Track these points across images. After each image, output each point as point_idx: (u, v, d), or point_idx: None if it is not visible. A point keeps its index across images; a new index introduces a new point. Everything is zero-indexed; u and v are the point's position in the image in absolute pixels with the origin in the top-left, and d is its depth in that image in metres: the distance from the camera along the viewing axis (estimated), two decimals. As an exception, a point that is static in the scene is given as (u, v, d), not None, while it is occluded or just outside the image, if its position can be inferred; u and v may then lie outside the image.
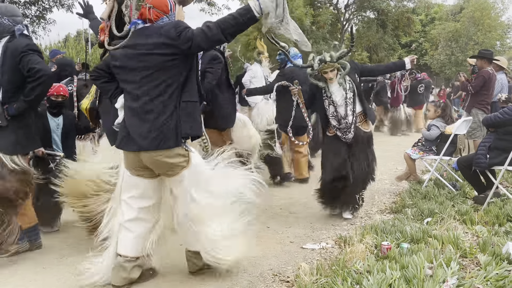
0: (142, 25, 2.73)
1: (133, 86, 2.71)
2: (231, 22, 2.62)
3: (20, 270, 3.17)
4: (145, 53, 2.65)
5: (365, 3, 25.90)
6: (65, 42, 28.55)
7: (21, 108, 3.26)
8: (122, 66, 2.75)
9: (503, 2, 33.34)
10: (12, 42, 3.24)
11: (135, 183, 2.82)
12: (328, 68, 4.22)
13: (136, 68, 2.68)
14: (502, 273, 2.81)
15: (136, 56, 2.67)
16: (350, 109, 4.29)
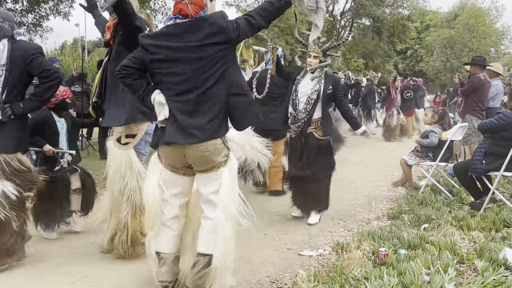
0: (181, 20, 2.66)
1: (181, 78, 2.63)
2: (269, 9, 2.77)
3: (16, 279, 3.15)
4: (196, 45, 2.60)
5: (360, 11, 26.08)
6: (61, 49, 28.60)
7: (33, 107, 3.40)
8: (167, 59, 2.64)
9: (497, 9, 33.68)
10: (18, 43, 3.31)
11: (176, 180, 2.79)
12: (313, 52, 4.34)
13: (187, 60, 2.61)
14: (499, 279, 2.81)
15: (187, 48, 2.61)
16: (303, 108, 4.37)
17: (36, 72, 3.30)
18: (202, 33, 2.61)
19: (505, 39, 36.30)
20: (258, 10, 2.78)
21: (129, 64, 2.71)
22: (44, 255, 3.57)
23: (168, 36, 2.65)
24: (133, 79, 2.72)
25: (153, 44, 2.65)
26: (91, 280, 3.12)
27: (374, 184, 6.60)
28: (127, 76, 2.72)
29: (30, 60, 3.25)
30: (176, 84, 2.65)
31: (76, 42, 39.77)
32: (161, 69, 2.67)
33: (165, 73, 2.67)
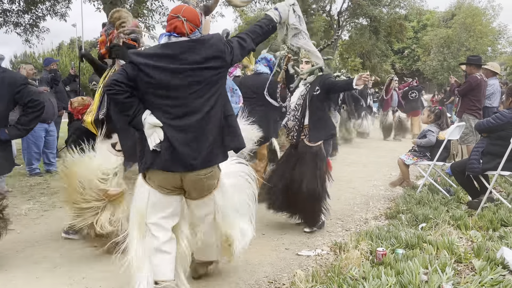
0: (177, 38, 2.56)
1: (176, 102, 2.51)
2: (259, 32, 2.80)
3: (13, 281, 3.14)
4: (194, 67, 2.51)
5: (357, 10, 26.11)
6: (58, 50, 28.56)
7: (18, 135, 3.64)
8: (164, 81, 2.49)
9: (494, 8, 33.79)
10: (6, 73, 3.52)
11: (168, 202, 2.64)
12: (304, 58, 4.30)
13: (183, 83, 2.50)
14: (497, 278, 2.82)
15: (183, 71, 2.49)
16: (293, 115, 4.28)
17: (23, 101, 3.52)
18: (200, 55, 2.53)
19: (501, 38, 36.44)
20: (248, 32, 2.77)
21: (122, 80, 2.48)
22: (41, 257, 3.56)
23: (163, 57, 2.51)
24: (125, 97, 2.49)
25: (148, 65, 2.48)
26: (88, 281, 3.11)
27: (372, 184, 6.61)
28: (119, 93, 2.48)
29: (19, 90, 3.49)
30: (172, 108, 2.52)
31: (73, 43, 39.69)
32: (156, 91, 2.52)
33: (161, 95, 2.52)
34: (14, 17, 12.60)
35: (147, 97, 2.54)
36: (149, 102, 2.54)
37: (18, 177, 6.74)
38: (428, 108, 6.34)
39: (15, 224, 4.40)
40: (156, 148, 2.50)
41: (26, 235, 4.10)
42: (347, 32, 29.47)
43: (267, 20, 2.87)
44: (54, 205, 5.18)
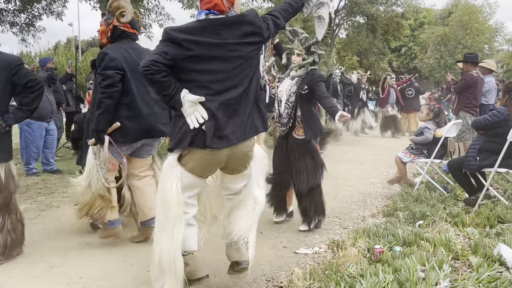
0: (215, 16, 2.55)
1: (218, 77, 2.52)
2: (289, 10, 2.89)
3: (11, 281, 3.13)
4: (236, 42, 2.53)
5: (354, 8, 26.11)
6: (55, 49, 28.48)
7: (23, 117, 3.59)
8: (205, 56, 2.49)
9: (491, 6, 33.88)
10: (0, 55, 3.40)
11: (198, 183, 2.65)
12: (296, 50, 4.24)
13: (226, 57, 2.52)
14: (494, 275, 2.83)
15: (225, 46, 2.51)
16: (286, 113, 4.21)
17: (21, 82, 3.40)
18: (240, 31, 2.55)
19: (498, 36, 36.53)
20: (280, 10, 2.84)
21: (159, 59, 2.43)
22: (38, 256, 3.55)
23: (204, 32, 2.50)
24: (163, 76, 2.45)
25: (189, 40, 2.46)
26: (86, 280, 3.11)
27: (369, 182, 6.62)
28: (157, 72, 2.43)
29: (15, 71, 3.37)
30: (213, 83, 2.52)
31: (69, 42, 39.61)
32: (196, 66, 2.50)
33: (201, 70, 2.51)
34: (10, 17, 12.54)
35: (186, 74, 2.52)
36: (188, 79, 2.52)
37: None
38: (427, 106, 6.35)
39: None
40: (199, 126, 2.48)
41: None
42: (344, 30, 29.47)
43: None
44: (51, 205, 5.17)
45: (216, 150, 2.52)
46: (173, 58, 2.46)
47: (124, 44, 3.68)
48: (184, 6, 12.22)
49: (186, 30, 2.50)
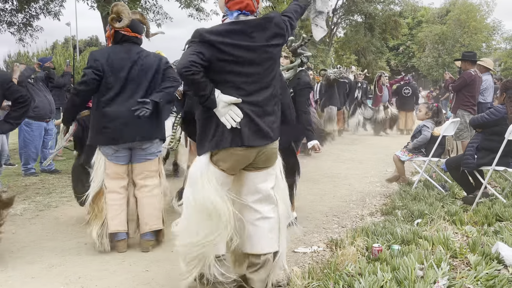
0: (246, 17, 2.58)
1: (251, 79, 2.56)
2: (299, 12, 2.98)
3: (9, 281, 3.12)
4: (265, 44, 2.57)
5: (352, 7, 26.13)
6: (53, 49, 28.43)
7: (10, 129, 3.90)
8: (240, 59, 2.52)
9: (488, 4, 33.94)
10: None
11: (227, 181, 2.65)
12: (283, 52, 4.19)
13: (259, 60, 2.56)
14: (492, 273, 2.83)
15: (258, 48, 2.55)
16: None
17: (13, 97, 3.70)
18: (268, 33, 2.59)
19: (496, 34, 36.60)
20: (292, 12, 2.90)
21: (197, 60, 2.43)
22: (36, 257, 3.55)
23: (237, 34, 2.52)
24: (201, 77, 2.44)
25: (224, 42, 2.48)
26: (84, 281, 3.10)
27: (367, 180, 6.62)
28: (196, 73, 2.42)
29: (8, 87, 3.67)
30: (247, 84, 2.55)
31: (67, 42, 39.54)
32: (232, 68, 2.53)
33: (235, 72, 2.53)
34: (8, 16, 12.51)
35: (219, 75, 2.53)
36: (222, 80, 2.53)
37: (13, 177, 6.71)
38: (425, 104, 6.36)
39: (10, 224, 4.39)
40: (235, 125, 2.50)
41: (21, 235, 4.08)
42: (342, 29, 29.51)
43: (304, 0, 3.04)
44: (49, 205, 5.16)
45: (250, 148, 2.56)
46: (208, 60, 2.47)
47: (120, 48, 3.67)
48: (182, 5, 12.21)
49: (221, 32, 2.52)
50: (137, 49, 3.72)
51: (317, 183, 6.36)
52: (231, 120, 2.49)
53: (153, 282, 3.06)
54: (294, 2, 3.02)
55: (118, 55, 3.62)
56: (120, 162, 3.71)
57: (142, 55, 3.68)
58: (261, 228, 2.70)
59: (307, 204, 5.14)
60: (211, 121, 2.55)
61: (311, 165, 7.67)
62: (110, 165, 3.70)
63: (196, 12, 12.87)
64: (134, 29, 3.73)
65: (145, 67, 3.64)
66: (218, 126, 2.53)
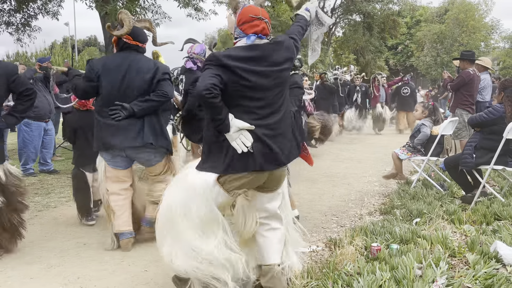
0: (260, 40, 2.60)
1: (264, 103, 2.57)
2: (302, 32, 3.00)
3: (8, 282, 3.12)
4: (277, 69, 2.60)
5: (351, 7, 26.13)
6: (51, 49, 28.38)
7: (15, 123, 3.78)
8: (256, 84, 2.53)
9: (487, 3, 33.96)
10: (1, 63, 3.62)
11: (228, 203, 2.68)
12: None
13: (271, 85, 2.58)
14: (491, 272, 2.84)
15: (272, 73, 2.57)
16: None
17: (18, 90, 3.59)
18: (281, 57, 2.62)
19: (494, 34, 36.63)
20: (296, 33, 2.91)
21: (217, 83, 2.41)
22: (35, 257, 3.55)
23: (253, 60, 2.54)
24: (219, 100, 2.42)
25: (240, 67, 2.49)
26: (83, 281, 3.11)
27: (366, 180, 6.63)
28: (216, 96, 2.39)
29: (13, 80, 3.54)
30: (259, 109, 2.56)
31: (66, 42, 39.50)
32: (247, 93, 2.53)
33: (250, 97, 2.54)
34: (6, 17, 12.48)
35: (233, 99, 2.52)
36: (235, 104, 2.52)
37: (11, 177, 6.69)
38: (421, 104, 6.37)
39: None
40: (248, 149, 2.50)
41: (20, 236, 4.07)
42: (341, 28, 29.52)
43: (304, 20, 3.05)
44: (48, 206, 5.16)
45: (262, 172, 2.58)
46: (225, 83, 2.46)
47: (118, 56, 3.70)
48: (181, 5, 12.19)
49: (238, 58, 2.51)
50: (134, 57, 3.68)
51: (316, 183, 6.37)
52: (242, 145, 2.48)
53: (152, 282, 3.07)
54: (296, 23, 3.03)
55: (113, 63, 3.65)
56: (119, 167, 3.77)
57: (137, 64, 3.64)
58: (270, 238, 2.77)
59: (306, 203, 5.15)
60: (221, 144, 2.54)
61: (310, 164, 7.65)
62: (110, 169, 3.77)
63: (194, 12, 12.85)
64: (136, 38, 3.72)
65: (138, 77, 3.61)
66: (229, 151, 2.52)
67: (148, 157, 3.77)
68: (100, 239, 3.94)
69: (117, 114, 3.53)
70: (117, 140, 3.58)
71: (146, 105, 3.59)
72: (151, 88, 3.64)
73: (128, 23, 3.64)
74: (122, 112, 3.53)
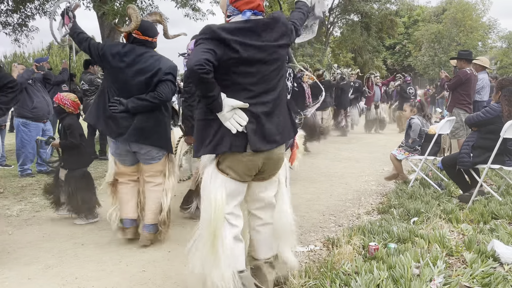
0: (256, 16, 2.52)
1: (259, 79, 2.47)
2: (303, 18, 2.95)
3: (6, 282, 3.12)
4: (274, 45, 2.51)
5: (349, 6, 26.15)
6: (49, 49, 28.29)
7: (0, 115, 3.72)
8: (250, 58, 2.42)
9: (484, 3, 34.05)
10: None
11: (241, 190, 2.58)
12: None
13: (267, 60, 2.48)
14: (488, 271, 2.85)
15: (267, 48, 2.48)
16: None
17: (2, 83, 3.58)
18: (276, 33, 2.54)
19: (492, 33, 36.72)
20: (298, 18, 2.89)
21: (211, 58, 2.29)
22: (33, 258, 3.54)
23: (248, 33, 2.44)
24: (212, 77, 2.30)
25: (237, 41, 2.37)
26: (81, 281, 3.10)
27: (364, 179, 6.64)
28: (209, 72, 2.27)
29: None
30: (253, 85, 2.46)
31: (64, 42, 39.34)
32: (241, 68, 2.42)
33: (244, 72, 2.43)
34: (3, 17, 12.46)
35: (227, 75, 2.42)
36: (228, 80, 2.42)
37: (9, 178, 6.69)
38: (408, 104, 6.43)
39: (7, 225, 4.39)
40: (241, 129, 2.41)
41: (18, 236, 4.07)
42: (339, 28, 29.53)
43: (306, 7, 3.02)
44: (46, 206, 5.13)
45: (257, 153, 2.48)
46: (219, 59, 2.35)
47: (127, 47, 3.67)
48: (178, 5, 12.19)
49: (234, 31, 2.41)
50: (140, 51, 3.66)
51: (314, 182, 6.37)
52: (236, 125, 2.39)
53: (150, 283, 3.06)
54: (297, 10, 2.98)
55: (120, 53, 3.63)
56: (126, 164, 3.85)
57: (143, 59, 3.63)
58: (264, 233, 2.73)
59: (304, 203, 5.15)
60: (211, 123, 2.46)
61: (307, 164, 7.67)
62: (118, 165, 3.89)
63: (192, 12, 12.85)
64: (145, 32, 3.72)
65: (141, 71, 3.61)
66: (220, 128, 2.44)
67: (154, 154, 3.79)
68: (98, 240, 3.94)
69: (115, 108, 3.60)
70: (119, 130, 3.66)
71: (141, 103, 3.59)
72: (149, 86, 3.64)
73: (136, 18, 3.63)
74: (119, 106, 3.59)
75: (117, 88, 3.66)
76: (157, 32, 3.87)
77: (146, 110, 3.64)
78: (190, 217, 4.43)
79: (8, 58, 26.48)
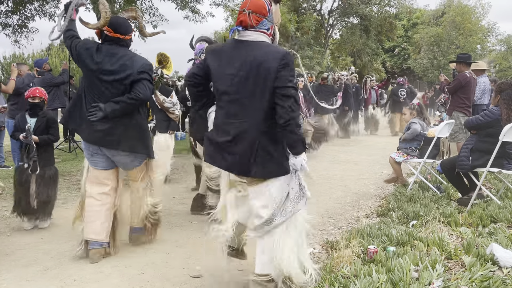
0: (243, 31, 2.61)
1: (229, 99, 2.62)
2: None
3: (4, 284, 3.11)
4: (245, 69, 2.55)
5: (348, 9, 26.20)
6: (48, 50, 28.26)
7: None
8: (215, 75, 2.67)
9: (483, 6, 34.15)
10: None
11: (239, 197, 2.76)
12: None
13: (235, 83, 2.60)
14: (487, 274, 2.85)
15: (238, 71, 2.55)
16: None
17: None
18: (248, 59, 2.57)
19: (491, 36, 36.81)
20: None
21: (198, 72, 2.74)
22: (31, 260, 3.53)
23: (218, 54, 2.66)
24: (200, 90, 2.76)
25: (210, 59, 2.68)
26: (79, 283, 3.09)
27: (363, 182, 6.64)
28: (196, 85, 2.76)
29: None
30: (228, 104, 2.62)
31: (63, 43, 39.34)
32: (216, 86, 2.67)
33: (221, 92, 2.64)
34: (3, 18, 12.47)
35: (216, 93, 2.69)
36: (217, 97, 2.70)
37: (8, 179, 6.67)
38: (407, 107, 6.43)
39: (5, 226, 4.38)
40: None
41: (16, 238, 4.06)
42: (338, 31, 29.58)
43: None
44: (44, 207, 5.13)
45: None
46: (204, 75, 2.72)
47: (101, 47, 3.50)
48: (178, 7, 12.21)
49: (213, 51, 2.72)
50: (112, 50, 3.48)
51: (312, 185, 6.35)
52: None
53: (148, 285, 3.06)
54: None
55: (92, 53, 3.46)
56: (98, 167, 3.59)
57: (113, 59, 3.45)
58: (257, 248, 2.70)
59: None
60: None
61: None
62: (91, 169, 3.63)
63: (191, 14, 12.88)
64: (117, 30, 3.51)
65: (113, 72, 3.42)
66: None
67: (123, 160, 3.61)
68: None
69: (95, 115, 3.38)
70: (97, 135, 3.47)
71: (118, 106, 3.39)
72: (125, 89, 3.45)
73: (105, 14, 3.42)
74: (98, 113, 3.37)
75: (92, 89, 3.47)
76: (130, 29, 3.65)
77: (124, 114, 3.45)
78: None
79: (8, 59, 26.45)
